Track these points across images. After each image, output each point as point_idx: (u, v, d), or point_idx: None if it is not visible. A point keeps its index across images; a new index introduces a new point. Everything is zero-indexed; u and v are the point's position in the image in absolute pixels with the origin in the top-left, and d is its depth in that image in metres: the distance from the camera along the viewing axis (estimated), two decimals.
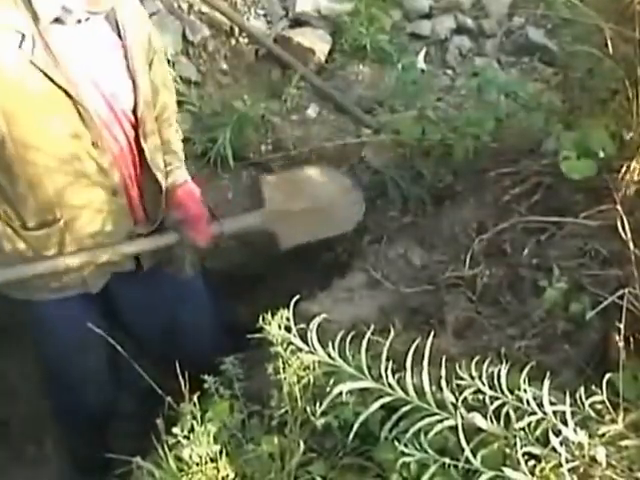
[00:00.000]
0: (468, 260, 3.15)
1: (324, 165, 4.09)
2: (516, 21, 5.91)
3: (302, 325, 2.44)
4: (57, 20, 2.81)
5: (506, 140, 3.75)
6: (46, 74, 2.80)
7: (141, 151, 3.20)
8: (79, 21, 2.87)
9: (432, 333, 2.35)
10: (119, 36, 3.04)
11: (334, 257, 4.05)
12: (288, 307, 2.45)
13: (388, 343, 2.31)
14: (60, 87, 2.83)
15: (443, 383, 2.18)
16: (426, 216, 3.80)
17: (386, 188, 4.11)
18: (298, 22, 5.43)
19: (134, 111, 3.13)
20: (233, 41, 5.23)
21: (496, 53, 5.63)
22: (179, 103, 4.52)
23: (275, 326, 2.37)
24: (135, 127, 3.15)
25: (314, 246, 3.92)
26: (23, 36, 2.75)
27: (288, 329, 2.39)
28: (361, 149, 4.35)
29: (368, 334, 2.36)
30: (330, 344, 2.36)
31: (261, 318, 2.41)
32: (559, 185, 3.29)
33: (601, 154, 3.09)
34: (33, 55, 2.77)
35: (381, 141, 4.28)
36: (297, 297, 2.51)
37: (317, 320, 2.41)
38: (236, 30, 5.20)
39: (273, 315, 2.41)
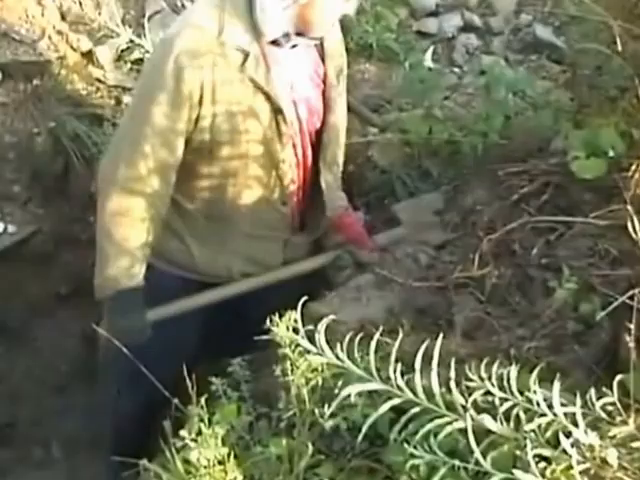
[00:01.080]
0: (477, 260, 3.12)
1: None
2: (523, 18, 5.90)
3: (310, 326, 2.43)
4: (275, 42, 3.09)
5: (514, 138, 3.73)
6: (261, 89, 3.08)
7: (316, 172, 3.44)
8: (294, 46, 3.16)
9: (441, 334, 2.33)
10: (322, 62, 3.32)
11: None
12: (296, 308, 2.44)
13: (397, 344, 2.29)
14: (269, 99, 3.12)
15: (452, 385, 2.17)
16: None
17: (393, 187, 4.08)
18: None
19: (320, 132, 3.39)
20: None
21: (504, 51, 5.62)
22: None
23: (283, 328, 2.36)
24: (315, 147, 3.41)
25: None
26: (247, 55, 3.03)
27: (296, 331, 2.38)
28: (368, 148, 4.33)
29: (377, 335, 2.35)
30: (338, 345, 2.34)
31: (269, 320, 2.40)
32: (568, 184, 3.27)
33: (611, 153, 3.07)
34: (252, 71, 3.05)
35: (388, 140, 4.26)
36: (305, 298, 2.51)
37: (325, 321, 2.40)
38: None
39: (281, 317, 2.40)
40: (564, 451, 2.02)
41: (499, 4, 5.99)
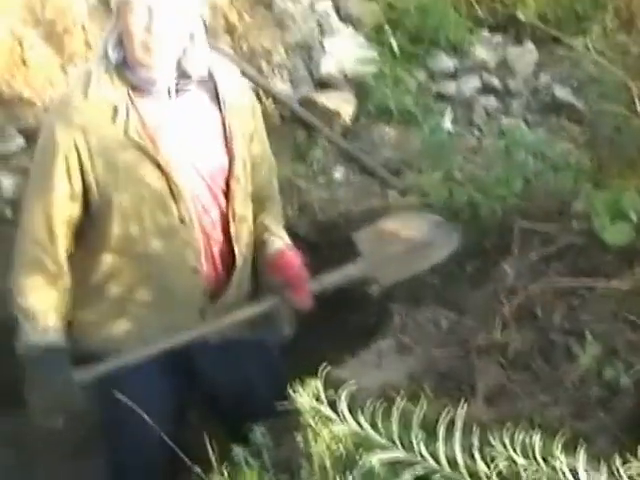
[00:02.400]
0: (499, 324, 3.11)
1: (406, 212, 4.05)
2: (542, 79, 5.92)
3: (331, 391, 2.41)
4: (147, 92, 2.95)
5: (535, 201, 3.73)
6: (140, 146, 2.91)
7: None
8: (169, 92, 2.97)
9: (463, 400, 2.32)
10: (219, 108, 3.09)
11: (363, 321, 4.03)
12: (317, 374, 2.43)
13: (419, 411, 2.28)
14: (152, 159, 2.94)
15: (475, 452, 2.15)
16: (455, 279, 3.76)
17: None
18: (323, 84, 5.48)
19: (227, 183, 3.15)
20: (259, 104, 5.26)
21: (523, 112, 5.64)
22: None
23: (305, 396, 2.35)
24: (227, 199, 3.17)
25: (343, 310, 3.90)
26: (116, 109, 2.89)
27: (318, 399, 2.36)
28: (388, 211, 4.34)
29: (398, 402, 2.33)
30: (360, 413, 2.33)
31: (290, 387, 2.39)
32: (589, 246, 3.26)
33: (633, 217, 3.07)
34: (127, 128, 2.89)
35: (408, 203, 4.27)
36: (326, 364, 2.49)
37: (347, 389, 2.39)
38: (262, 93, 5.24)
39: (303, 384, 2.38)
40: None
41: (518, 66, 6.02)
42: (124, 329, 3.18)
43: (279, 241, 3.34)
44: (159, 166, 2.95)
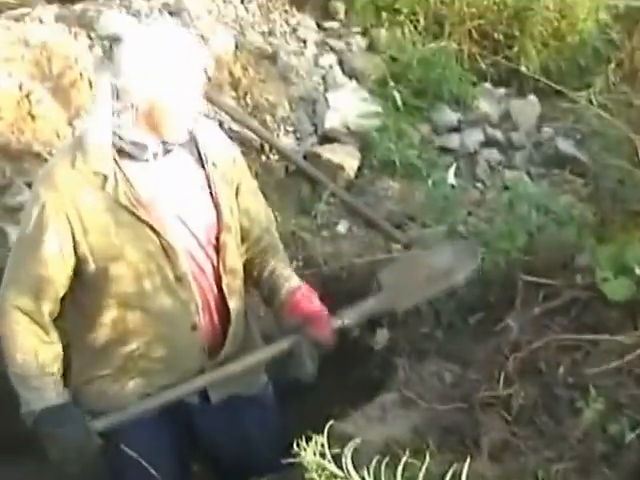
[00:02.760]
0: (502, 378, 3.11)
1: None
2: (545, 132, 5.96)
3: (335, 446, 2.41)
4: (133, 156, 2.94)
5: (538, 255, 3.74)
6: (131, 211, 2.92)
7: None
8: (156, 155, 2.97)
9: (468, 456, 2.32)
10: (202, 164, 3.10)
11: (367, 374, 4.03)
12: (322, 429, 2.43)
13: (423, 467, 2.28)
14: (145, 222, 2.94)
15: None
16: (458, 333, 3.77)
17: (417, 304, 4.08)
18: (327, 138, 5.51)
19: (217, 238, 3.14)
20: (263, 158, 5.31)
21: (526, 165, 5.66)
22: None
23: (310, 452, 2.35)
24: (218, 253, 3.17)
25: (346, 363, 3.91)
26: (105, 177, 2.89)
27: (322, 455, 2.36)
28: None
29: (404, 459, 2.33)
30: (365, 469, 2.33)
31: (295, 442, 2.39)
32: (593, 301, 3.27)
33: (638, 271, 3.08)
34: (117, 194, 2.90)
35: None
36: (331, 419, 2.50)
37: (352, 445, 2.39)
38: (266, 147, 5.28)
39: (307, 440, 2.38)
40: None
41: (520, 119, 6.06)
42: (129, 387, 3.17)
43: (292, 280, 3.32)
44: (151, 228, 2.96)
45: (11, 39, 5.15)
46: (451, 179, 5.18)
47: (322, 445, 2.39)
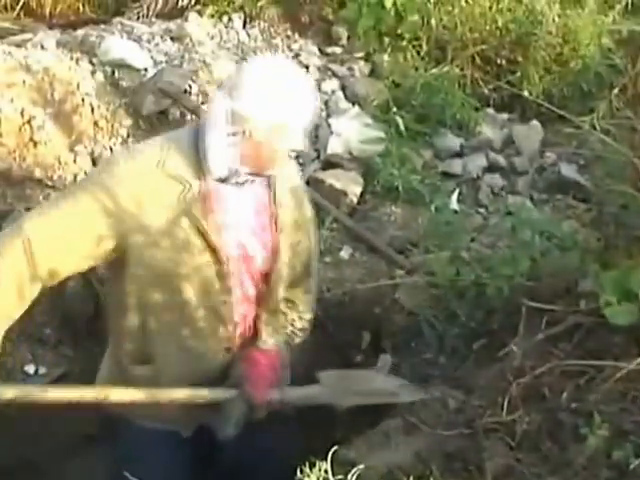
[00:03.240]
0: (506, 404, 3.09)
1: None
2: (548, 158, 5.96)
3: (339, 472, 2.40)
4: (222, 179, 3.02)
5: (542, 280, 3.73)
6: (198, 227, 3.00)
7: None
8: (241, 183, 3.07)
9: None
10: (272, 200, 3.19)
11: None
12: (325, 456, 2.42)
13: None
14: (207, 241, 3.03)
15: None
16: (462, 358, 3.75)
17: (420, 330, 4.07)
18: (330, 164, 5.51)
19: (267, 274, 3.24)
20: None
21: (529, 190, 5.65)
22: None
23: (313, 478, 2.34)
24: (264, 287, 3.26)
25: None
26: (189, 187, 2.97)
27: None
28: (395, 290, 4.34)
29: None
30: None
31: (299, 469, 2.38)
32: (597, 326, 3.26)
33: None
34: (192, 207, 2.98)
35: (415, 282, 4.27)
36: (334, 446, 2.49)
37: (355, 471, 2.38)
38: None
39: (311, 466, 2.37)
40: None
41: (523, 144, 6.06)
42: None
43: (271, 339, 3.37)
44: (212, 249, 3.04)
45: (13, 65, 5.17)
46: (454, 204, 5.17)
47: (325, 471, 2.38)
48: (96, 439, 4.51)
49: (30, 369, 4.30)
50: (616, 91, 5.22)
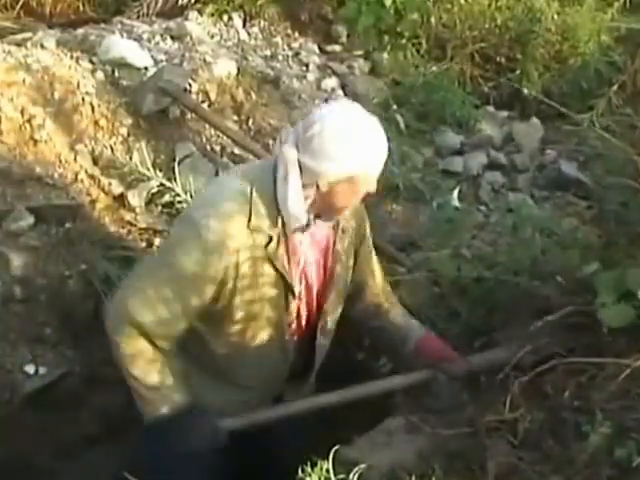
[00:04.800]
0: (508, 403, 3.09)
1: None
2: (548, 155, 5.96)
3: (341, 470, 2.41)
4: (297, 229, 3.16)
5: (543, 277, 3.72)
6: (278, 270, 3.16)
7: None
8: (306, 227, 3.19)
9: None
10: (332, 227, 3.34)
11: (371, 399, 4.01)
12: (327, 455, 2.42)
13: None
14: (283, 278, 3.20)
15: None
16: (463, 356, 3.74)
17: None
18: None
19: (320, 297, 3.42)
20: None
21: (529, 188, 5.65)
22: None
23: (315, 478, 2.34)
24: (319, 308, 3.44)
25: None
26: (271, 238, 3.10)
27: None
28: (396, 288, 4.32)
29: None
30: None
31: (300, 469, 2.38)
32: (599, 323, 3.25)
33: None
34: (276, 256, 3.13)
35: (416, 280, 4.26)
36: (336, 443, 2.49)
37: (357, 470, 2.38)
38: None
39: (312, 466, 2.38)
40: None
41: (523, 141, 6.06)
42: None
43: (418, 327, 3.60)
44: (287, 285, 3.22)
45: (13, 64, 5.16)
46: (455, 202, 5.16)
47: (327, 470, 2.38)
48: (96, 439, 4.53)
49: (30, 369, 4.28)
50: (615, 88, 5.23)
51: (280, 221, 3.10)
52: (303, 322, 3.42)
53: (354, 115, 3.05)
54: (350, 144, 2.97)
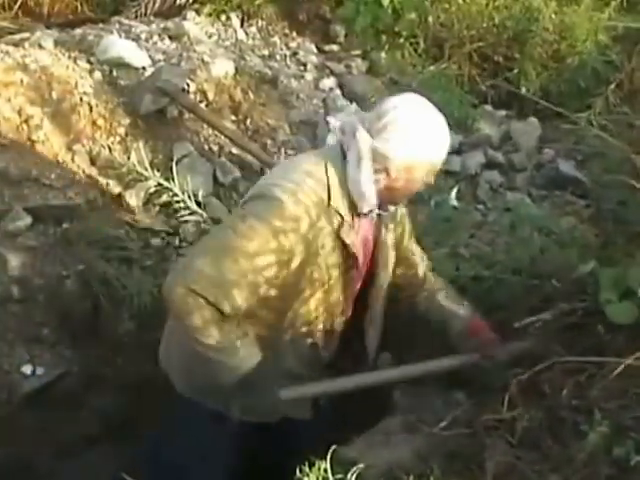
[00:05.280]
0: (506, 402, 3.09)
1: None
2: (546, 154, 5.95)
3: (339, 470, 2.40)
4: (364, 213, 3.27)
5: (541, 276, 3.72)
6: (349, 250, 3.27)
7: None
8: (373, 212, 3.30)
9: None
10: (382, 225, 3.44)
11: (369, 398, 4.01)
12: (325, 455, 2.42)
13: None
14: (353, 257, 3.31)
15: None
16: None
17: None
18: None
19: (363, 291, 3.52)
20: None
21: (527, 187, 5.65)
22: None
23: (313, 478, 2.34)
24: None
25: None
26: (343, 219, 3.20)
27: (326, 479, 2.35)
28: None
29: None
30: None
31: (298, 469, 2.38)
32: (597, 322, 3.25)
33: None
34: (348, 237, 3.23)
35: None
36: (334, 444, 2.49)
37: (355, 470, 2.38)
38: (267, 171, 5.27)
39: (310, 465, 2.37)
40: None
41: (521, 141, 6.06)
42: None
43: (465, 311, 3.62)
44: (355, 259, 3.31)
45: (11, 64, 5.16)
46: (453, 201, 5.17)
47: (325, 470, 2.38)
48: (95, 439, 4.52)
49: (27, 370, 4.28)
50: (613, 87, 5.23)
51: (349, 203, 3.20)
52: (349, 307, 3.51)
53: (425, 108, 3.21)
54: (422, 133, 3.14)
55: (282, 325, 3.32)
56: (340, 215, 3.18)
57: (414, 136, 3.13)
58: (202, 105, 5.50)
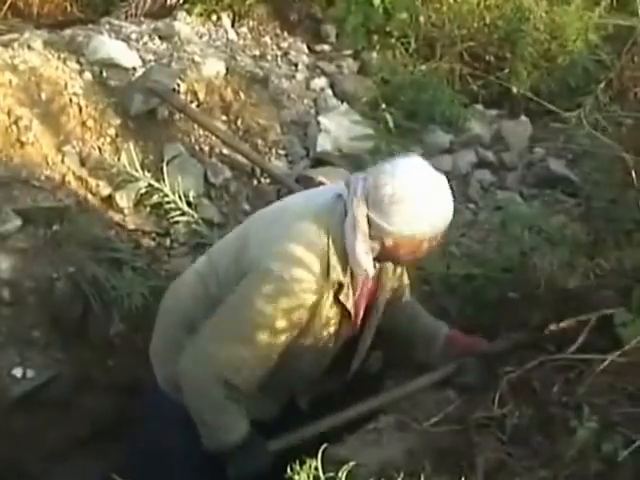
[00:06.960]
0: (497, 399, 3.09)
1: None
2: (537, 153, 5.95)
3: (330, 470, 2.40)
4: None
5: (532, 274, 3.73)
6: (347, 310, 3.34)
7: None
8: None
9: (463, 477, 2.30)
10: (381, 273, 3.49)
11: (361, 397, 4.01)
12: (316, 453, 2.42)
13: None
14: (349, 316, 3.38)
15: None
16: None
17: None
18: (319, 161, 5.50)
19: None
20: (255, 182, 5.31)
21: (518, 186, 5.65)
22: (201, 245, 4.58)
23: (304, 476, 2.34)
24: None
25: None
26: (341, 286, 3.24)
27: (317, 479, 2.35)
28: None
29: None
30: None
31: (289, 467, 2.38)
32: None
33: None
34: (347, 301, 3.30)
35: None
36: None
37: (346, 468, 2.38)
38: (258, 171, 5.27)
39: (301, 464, 2.37)
40: None
41: (512, 140, 6.06)
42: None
43: (443, 326, 3.71)
44: (348, 316, 3.38)
45: None
46: None
47: (316, 469, 2.37)
48: (86, 442, 4.51)
49: (18, 373, 4.26)
50: (603, 86, 5.24)
51: (349, 268, 3.22)
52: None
53: (424, 176, 3.15)
54: (420, 209, 3.07)
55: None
56: (339, 281, 3.21)
57: (411, 213, 3.08)
58: (193, 105, 5.48)
